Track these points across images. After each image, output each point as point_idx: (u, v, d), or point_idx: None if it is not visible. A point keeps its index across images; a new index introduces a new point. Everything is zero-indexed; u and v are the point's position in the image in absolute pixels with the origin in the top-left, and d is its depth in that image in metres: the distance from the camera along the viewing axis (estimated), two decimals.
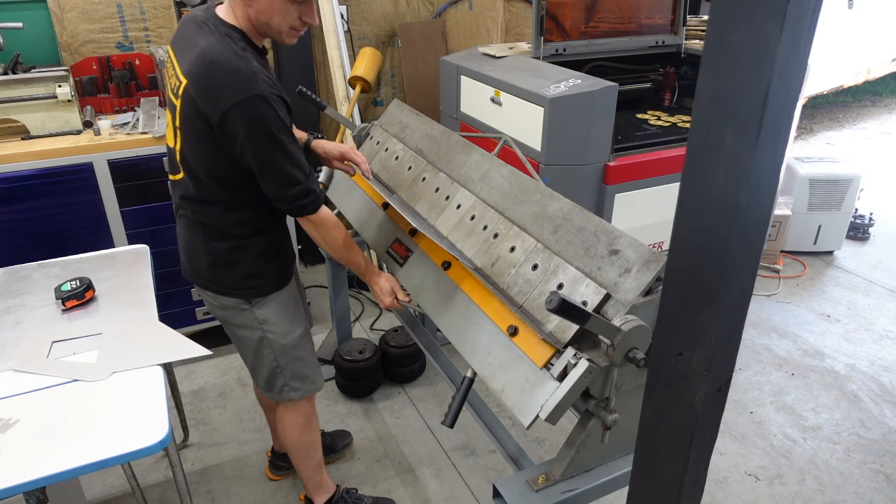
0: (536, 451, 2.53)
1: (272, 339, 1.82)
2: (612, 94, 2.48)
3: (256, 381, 1.97)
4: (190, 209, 1.69)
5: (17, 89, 2.51)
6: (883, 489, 2.38)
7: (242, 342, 1.86)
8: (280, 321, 1.82)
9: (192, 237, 1.73)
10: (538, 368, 1.33)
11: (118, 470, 2.33)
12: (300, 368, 1.90)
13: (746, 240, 0.74)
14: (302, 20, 1.53)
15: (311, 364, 1.94)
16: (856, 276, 3.86)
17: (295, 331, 1.86)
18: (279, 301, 1.81)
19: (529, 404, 1.32)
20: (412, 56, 3.83)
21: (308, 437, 2.02)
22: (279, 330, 1.82)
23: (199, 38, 1.51)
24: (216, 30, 1.51)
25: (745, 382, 2.94)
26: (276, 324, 1.81)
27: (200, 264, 1.74)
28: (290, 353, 1.86)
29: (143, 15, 3.14)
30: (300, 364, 1.89)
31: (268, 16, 1.50)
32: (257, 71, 1.47)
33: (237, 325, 1.82)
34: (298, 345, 1.87)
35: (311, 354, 1.95)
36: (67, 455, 1.29)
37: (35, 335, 1.68)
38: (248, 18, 1.53)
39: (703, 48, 0.71)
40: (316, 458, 2.08)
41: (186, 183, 1.65)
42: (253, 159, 1.50)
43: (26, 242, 2.52)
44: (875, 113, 7.29)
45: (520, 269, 1.51)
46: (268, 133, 1.47)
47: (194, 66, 1.47)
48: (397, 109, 2.34)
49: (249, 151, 1.49)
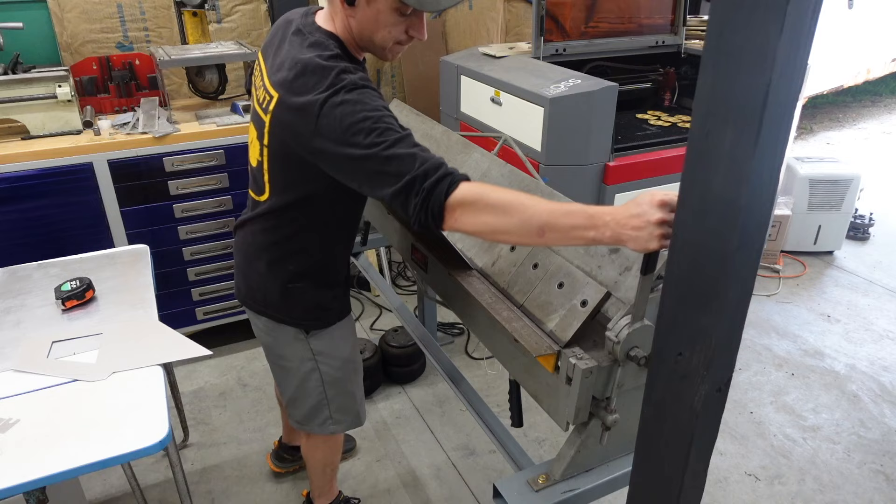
0: (536, 451, 2.53)
1: (325, 370, 1.70)
2: (612, 94, 2.48)
3: (291, 412, 1.81)
4: (259, 226, 1.56)
5: (17, 89, 2.51)
6: (883, 489, 2.38)
7: (287, 371, 1.72)
8: (337, 353, 1.71)
9: (255, 258, 1.59)
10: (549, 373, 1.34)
11: (118, 470, 2.33)
12: (348, 402, 1.79)
13: (746, 240, 0.74)
14: (409, 34, 1.35)
15: (360, 398, 1.84)
16: (856, 276, 3.86)
17: (350, 364, 1.76)
18: (339, 332, 1.69)
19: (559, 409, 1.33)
20: (412, 56, 3.83)
21: (332, 459, 1.98)
22: (335, 363, 1.71)
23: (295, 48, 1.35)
24: (310, 37, 1.35)
25: (745, 382, 2.94)
26: (333, 356, 1.70)
27: (262, 288, 1.61)
28: (340, 386, 1.75)
29: (143, 15, 3.14)
30: (349, 398, 1.79)
31: (372, 28, 1.32)
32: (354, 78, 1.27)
33: (285, 355, 1.69)
34: (352, 379, 1.78)
35: (360, 388, 1.84)
36: (67, 455, 1.29)
37: (35, 335, 1.68)
38: (348, 29, 1.36)
39: (703, 48, 0.71)
40: (333, 474, 2.05)
41: (270, 202, 1.51)
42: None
43: (26, 242, 2.52)
44: (875, 113, 7.29)
45: (520, 269, 1.51)
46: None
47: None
48: (397, 109, 2.34)
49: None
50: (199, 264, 2.87)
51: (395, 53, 1.39)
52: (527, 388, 1.47)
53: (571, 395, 1.28)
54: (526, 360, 1.40)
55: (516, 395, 1.56)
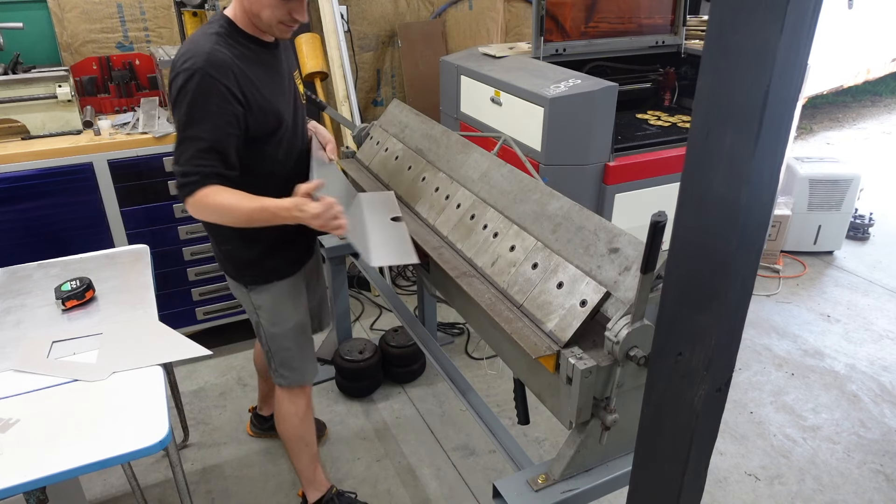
0: (536, 451, 2.53)
1: (265, 325, 1.92)
2: (612, 94, 2.48)
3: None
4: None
5: (17, 89, 2.51)
6: (883, 489, 2.38)
7: (251, 321, 1.98)
8: (272, 310, 1.89)
9: (208, 227, 1.86)
10: (551, 372, 1.34)
11: (118, 470, 2.33)
12: (288, 359, 1.97)
13: (746, 240, 0.74)
14: (291, 16, 1.58)
15: (300, 358, 1.99)
16: (856, 276, 3.86)
17: (285, 323, 1.92)
18: (275, 291, 1.88)
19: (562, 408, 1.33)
20: (412, 56, 3.83)
21: (301, 430, 2.07)
22: (269, 319, 1.91)
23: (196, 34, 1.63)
24: (211, 24, 1.61)
25: (745, 382, 2.94)
26: (269, 312, 1.90)
27: (215, 251, 1.91)
28: (279, 342, 1.94)
29: (143, 15, 3.14)
30: (287, 354, 1.96)
31: (258, 8, 1.56)
32: (212, 49, 1.54)
33: (242, 306, 1.97)
34: (287, 336, 1.93)
35: (303, 349, 2.00)
36: (67, 455, 1.29)
37: (35, 335, 1.68)
38: (244, 11, 1.60)
39: (703, 48, 0.71)
40: (309, 453, 2.11)
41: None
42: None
43: (26, 242, 2.52)
44: (875, 113, 7.29)
45: (520, 268, 1.51)
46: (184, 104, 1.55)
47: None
48: (397, 109, 2.34)
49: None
50: (199, 264, 2.87)
51: (282, 32, 1.63)
52: (531, 388, 1.47)
53: (572, 394, 1.28)
54: (528, 360, 1.40)
55: (521, 392, 1.56)
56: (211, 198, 1.55)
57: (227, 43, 1.58)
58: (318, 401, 2.80)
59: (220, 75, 1.51)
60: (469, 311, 1.73)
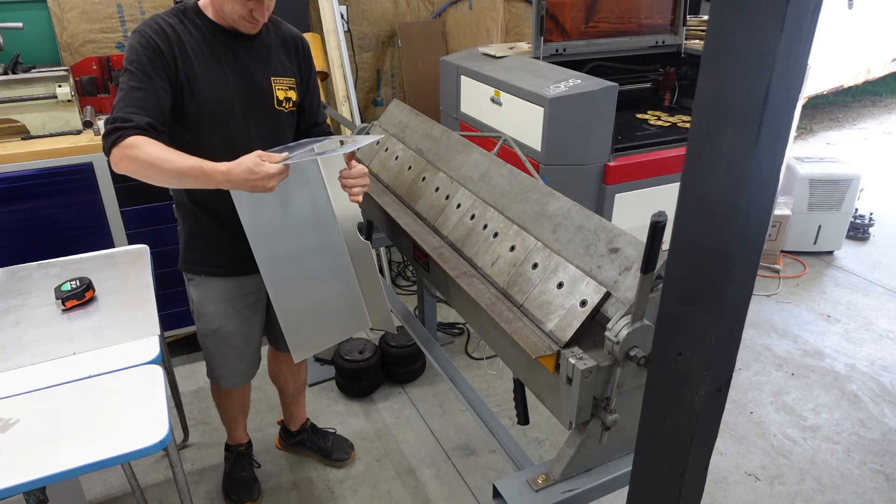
0: (536, 451, 2.53)
1: (193, 315, 1.99)
2: (612, 94, 2.48)
3: None
4: None
5: (17, 89, 2.51)
6: (883, 489, 2.38)
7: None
8: (197, 304, 1.95)
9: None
10: (551, 372, 1.34)
11: (118, 470, 2.33)
12: (207, 357, 2.05)
13: (746, 240, 0.74)
14: (252, 14, 1.65)
15: (218, 363, 2.04)
16: (856, 276, 3.86)
17: (207, 323, 1.96)
18: (205, 286, 1.92)
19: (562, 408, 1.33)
20: (412, 56, 3.83)
21: (219, 401, 2.25)
22: (195, 311, 1.97)
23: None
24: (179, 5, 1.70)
25: (745, 382, 2.94)
26: (195, 304, 1.95)
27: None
28: (200, 337, 2.01)
29: (143, 15, 3.13)
30: (207, 353, 2.04)
31: (220, 2, 1.64)
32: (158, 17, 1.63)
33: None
34: (207, 336, 1.98)
35: (223, 356, 2.02)
36: (67, 455, 1.30)
37: (35, 335, 1.68)
38: (211, 3, 1.68)
39: (703, 48, 0.71)
40: (229, 422, 2.29)
41: None
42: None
43: (26, 242, 2.51)
44: (875, 113, 7.29)
45: (520, 268, 1.51)
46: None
47: None
48: (397, 109, 2.34)
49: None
50: None
51: (245, 27, 1.69)
52: (530, 388, 1.47)
53: (572, 395, 1.28)
54: (528, 360, 1.40)
55: (521, 393, 1.56)
56: (141, 148, 1.50)
57: (180, 19, 1.67)
58: (318, 401, 2.80)
59: (156, 36, 1.60)
60: (469, 311, 1.72)
